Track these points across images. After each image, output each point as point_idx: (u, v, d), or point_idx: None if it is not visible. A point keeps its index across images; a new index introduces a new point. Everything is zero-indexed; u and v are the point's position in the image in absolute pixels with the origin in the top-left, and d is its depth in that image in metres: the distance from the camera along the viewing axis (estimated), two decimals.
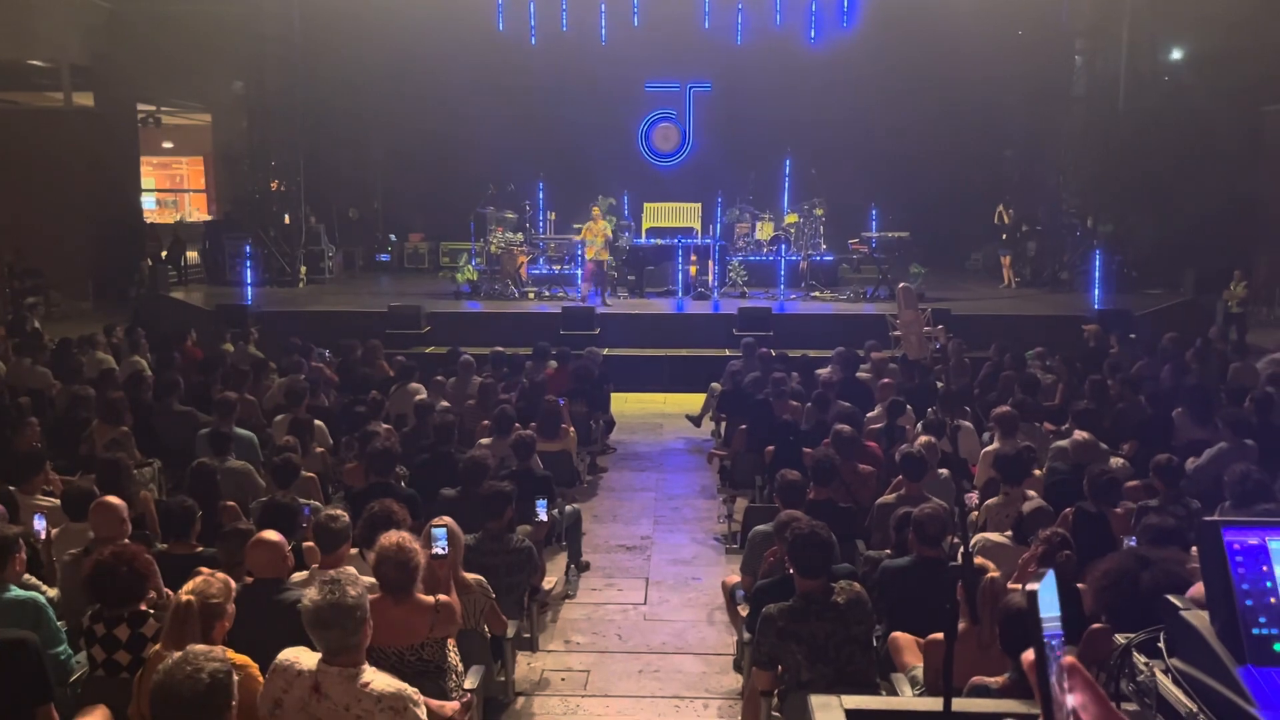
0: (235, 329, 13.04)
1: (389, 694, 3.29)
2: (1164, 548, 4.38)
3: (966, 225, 19.71)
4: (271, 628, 3.88)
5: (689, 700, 5.54)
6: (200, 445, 7.31)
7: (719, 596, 6.46)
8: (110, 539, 4.67)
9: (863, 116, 18.30)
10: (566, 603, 6.83)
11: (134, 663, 3.88)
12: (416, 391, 9.42)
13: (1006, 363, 10.31)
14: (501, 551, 5.50)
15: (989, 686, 3.39)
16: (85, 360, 10.41)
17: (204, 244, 19.88)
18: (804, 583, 4.34)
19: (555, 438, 8.27)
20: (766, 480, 7.62)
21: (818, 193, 17.67)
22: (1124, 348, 11.68)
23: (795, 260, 16.98)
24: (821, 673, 4.14)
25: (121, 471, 5.99)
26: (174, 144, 27.58)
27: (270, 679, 3.36)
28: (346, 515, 4.83)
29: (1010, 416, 7.41)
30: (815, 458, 6.43)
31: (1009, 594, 3.78)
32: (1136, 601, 3.34)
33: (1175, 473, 5.97)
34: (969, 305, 15.03)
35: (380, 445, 6.66)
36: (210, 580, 3.66)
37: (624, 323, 14.63)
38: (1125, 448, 7.56)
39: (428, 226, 20.34)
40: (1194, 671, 2.08)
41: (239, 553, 4.58)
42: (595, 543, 7.93)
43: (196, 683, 2.57)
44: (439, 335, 13.94)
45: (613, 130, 19.35)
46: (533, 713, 5.39)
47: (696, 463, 10.33)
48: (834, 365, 10.33)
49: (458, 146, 18.59)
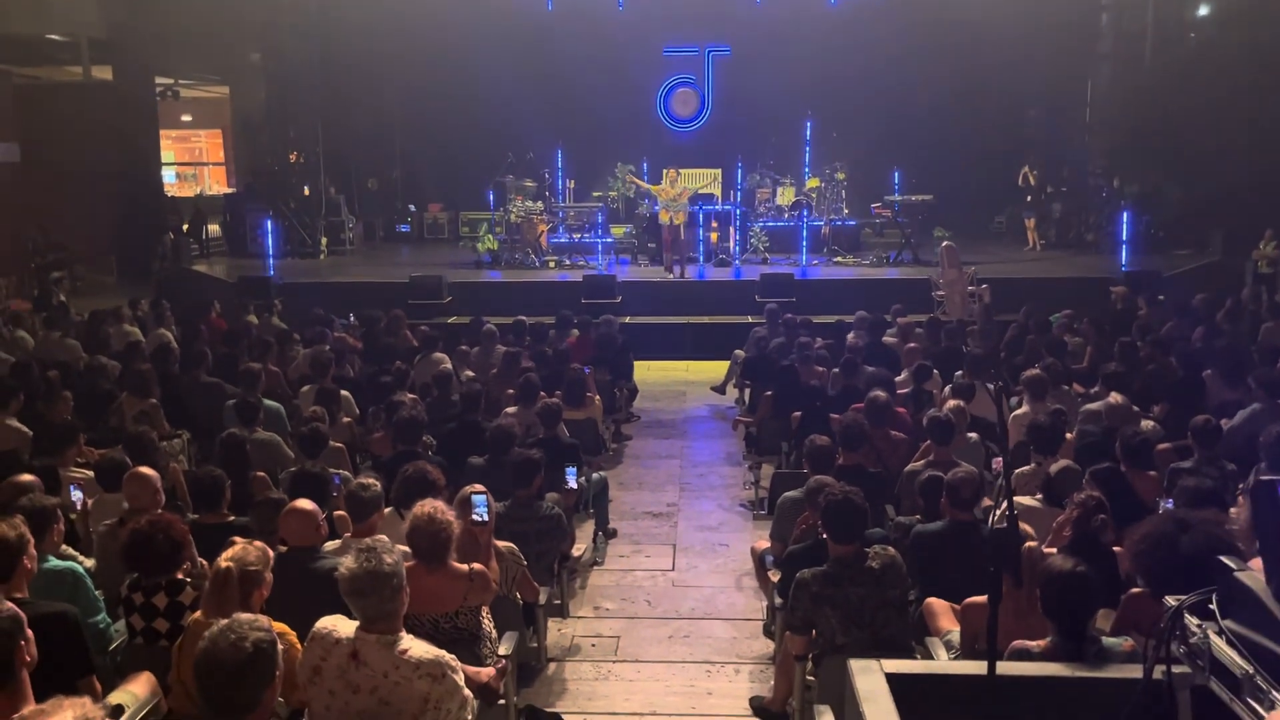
0: (259, 301, 13.09)
1: (427, 660, 3.30)
2: (1201, 509, 4.34)
3: (990, 187, 19.46)
4: (307, 596, 3.90)
5: (720, 665, 5.55)
6: (228, 416, 7.35)
7: (747, 562, 6.46)
8: (144, 509, 4.72)
9: (884, 78, 18.04)
10: (595, 570, 6.85)
11: (172, 630, 3.91)
12: (440, 361, 9.42)
13: (1032, 326, 10.21)
14: (532, 519, 5.52)
15: (1030, 650, 3.37)
16: (112, 333, 10.48)
17: (225, 217, 19.92)
18: (838, 548, 4.33)
19: (581, 406, 8.27)
20: (793, 446, 7.59)
21: (839, 156, 17.50)
22: (1152, 309, 11.54)
23: (817, 225, 16.84)
24: (856, 637, 4.13)
25: (149, 444, 6.04)
26: (193, 117, 27.57)
27: (309, 647, 3.38)
28: (378, 484, 4.85)
29: (1040, 380, 7.34)
30: (844, 423, 6.39)
31: (1048, 558, 3.75)
32: (1176, 564, 3.31)
33: (1213, 434, 5.90)
34: (994, 268, 14.84)
35: (407, 414, 6.69)
36: (248, 548, 3.68)
37: (645, 291, 14.57)
38: (1156, 410, 7.48)
39: (447, 196, 20.29)
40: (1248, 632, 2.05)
41: (272, 522, 4.61)
42: (622, 510, 7.94)
43: (240, 651, 2.58)
44: (461, 305, 13.94)
45: (631, 96, 19.18)
46: (565, 678, 5.42)
47: (721, 429, 10.32)
48: (857, 330, 10.26)
49: (476, 115, 18.50)
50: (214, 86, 24.11)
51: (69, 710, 2.25)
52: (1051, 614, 3.40)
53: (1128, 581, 4.12)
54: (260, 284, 14.37)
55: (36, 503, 4.46)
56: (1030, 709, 2.84)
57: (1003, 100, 18.59)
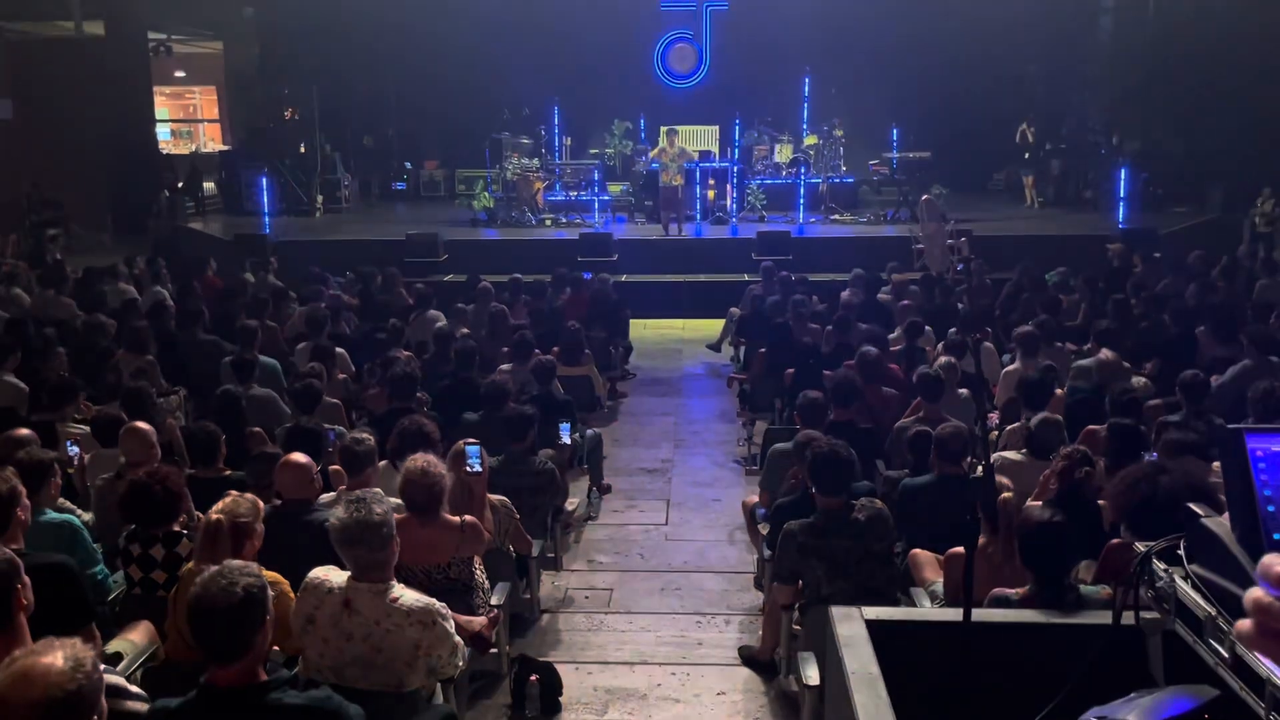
0: (254, 258, 13.06)
1: (418, 608, 3.37)
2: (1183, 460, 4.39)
3: (988, 145, 19.37)
4: (301, 548, 3.97)
5: (710, 616, 5.63)
6: (224, 373, 7.38)
7: (739, 517, 6.53)
8: (141, 464, 4.77)
9: (883, 34, 17.89)
10: (589, 524, 6.93)
11: (169, 581, 3.97)
12: (436, 319, 9.45)
13: (1026, 284, 10.23)
14: (526, 473, 5.58)
15: (1009, 598, 3.44)
16: (108, 291, 10.49)
17: (220, 174, 19.82)
18: (824, 500, 4.38)
19: (578, 362, 8.31)
20: (786, 403, 7.64)
21: (837, 113, 17.38)
22: (1148, 266, 11.54)
23: (815, 183, 16.77)
24: (841, 588, 4.19)
25: (145, 400, 6.08)
26: (186, 73, 27.30)
27: (302, 597, 3.44)
28: (372, 439, 4.90)
29: (1032, 336, 7.37)
30: (836, 379, 6.43)
31: (1028, 509, 3.80)
32: (1156, 510, 3.36)
33: (1200, 389, 5.94)
34: (991, 226, 14.83)
35: (401, 370, 6.72)
36: (239, 500, 3.73)
37: (641, 249, 14.55)
38: (1148, 366, 7.52)
39: (443, 153, 20.18)
40: (1213, 576, 2.09)
41: (267, 475, 4.66)
42: (616, 466, 8.01)
43: (231, 595, 2.64)
44: (456, 263, 13.92)
45: (628, 52, 19.00)
46: (558, 629, 5.50)
47: (716, 387, 10.36)
48: (853, 288, 10.27)
49: (472, 72, 18.34)
50: (207, 42, 23.84)
51: (59, 650, 2.30)
52: (1029, 563, 3.46)
53: (1112, 534, 4.18)
54: (256, 241, 14.34)
55: (33, 456, 4.50)
56: (1006, 654, 2.90)
57: (1002, 56, 18.44)
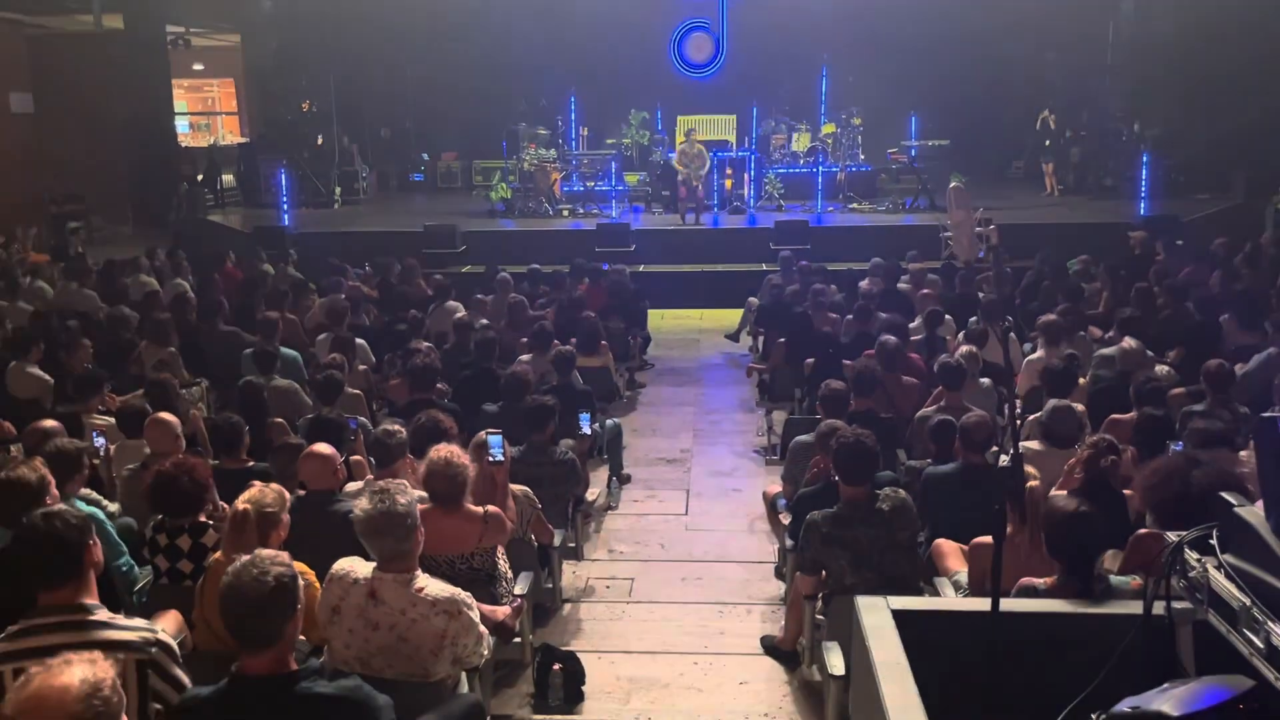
0: (274, 250, 13.13)
1: (443, 598, 3.39)
2: (1211, 451, 4.35)
3: (1008, 132, 19.20)
4: (325, 537, 3.99)
5: (732, 606, 5.63)
6: (246, 364, 7.43)
7: (759, 507, 6.52)
8: (166, 454, 4.80)
9: (900, 21, 17.74)
10: (609, 514, 6.94)
11: (196, 571, 4.00)
12: (455, 310, 9.48)
13: (1048, 272, 10.15)
14: (546, 463, 5.59)
15: (1036, 587, 3.42)
16: (130, 283, 10.56)
17: (239, 167, 19.90)
18: (848, 490, 4.37)
19: (595, 353, 8.32)
20: (806, 393, 7.63)
21: (855, 101, 17.28)
22: (1170, 254, 11.44)
23: (833, 171, 16.69)
24: (864, 577, 4.18)
25: (169, 391, 6.12)
26: (204, 66, 27.42)
27: (328, 587, 3.46)
28: (403, 430, 4.91)
29: (1056, 325, 7.32)
30: (856, 368, 6.42)
31: (1054, 498, 3.78)
32: (1187, 501, 3.33)
33: (1226, 378, 5.88)
34: (1011, 214, 14.70)
35: (421, 361, 6.74)
36: (265, 490, 3.76)
37: (659, 239, 14.53)
38: (1171, 355, 7.46)
39: (460, 145, 20.20)
40: (1247, 566, 2.08)
41: (291, 466, 4.68)
42: (636, 456, 8.01)
43: (262, 584, 2.65)
44: (475, 254, 13.95)
45: (644, 42, 18.91)
46: (580, 618, 5.51)
47: (734, 377, 10.35)
48: (872, 277, 10.23)
49: (489, 63, 18.33)
50: (225, 35, 23.91)
51: (77, 667, 2.26)
52: (1057, 553, 3.44)
53: (1138, 523, 4.15)
54: (275, 234, 14.41)
55: (62, 447, 4.54)
56: (1034, 644, 2.89)
57: (1022, 43, 18.26)
